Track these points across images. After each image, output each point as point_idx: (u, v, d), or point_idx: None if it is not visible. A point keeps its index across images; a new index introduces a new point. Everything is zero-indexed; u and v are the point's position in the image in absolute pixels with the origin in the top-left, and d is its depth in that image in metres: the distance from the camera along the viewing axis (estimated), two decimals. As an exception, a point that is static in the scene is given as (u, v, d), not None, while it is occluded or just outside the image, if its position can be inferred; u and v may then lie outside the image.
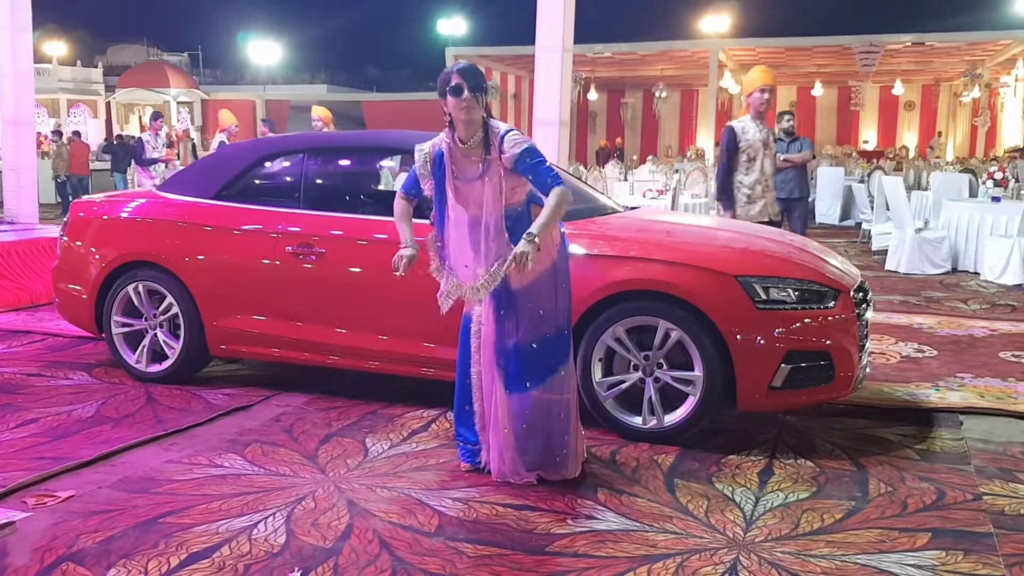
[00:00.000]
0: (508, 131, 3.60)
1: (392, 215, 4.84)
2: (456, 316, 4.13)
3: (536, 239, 3.41)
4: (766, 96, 6.32)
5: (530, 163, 3.52)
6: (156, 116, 12.50)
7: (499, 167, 3.55)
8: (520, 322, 3.61)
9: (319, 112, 10.59)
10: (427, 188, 3.73)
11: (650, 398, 4.19)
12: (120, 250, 5.28)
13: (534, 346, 3.61)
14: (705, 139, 25.53)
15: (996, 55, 24.23)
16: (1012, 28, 24.91)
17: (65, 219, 5.76)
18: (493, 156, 3.56)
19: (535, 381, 3.63)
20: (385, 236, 4.70)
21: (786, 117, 9.28)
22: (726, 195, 6.31)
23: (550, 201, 3.47)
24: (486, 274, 3.57)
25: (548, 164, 3.58)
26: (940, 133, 28.78)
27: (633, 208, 5.88)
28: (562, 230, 3.78)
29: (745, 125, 6.33)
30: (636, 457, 4.05)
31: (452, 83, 3.52)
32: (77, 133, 20.81)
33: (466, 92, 3.50)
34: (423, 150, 3.71)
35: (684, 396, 4.16)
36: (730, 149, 6.30)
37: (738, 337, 4.03)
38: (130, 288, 5.20)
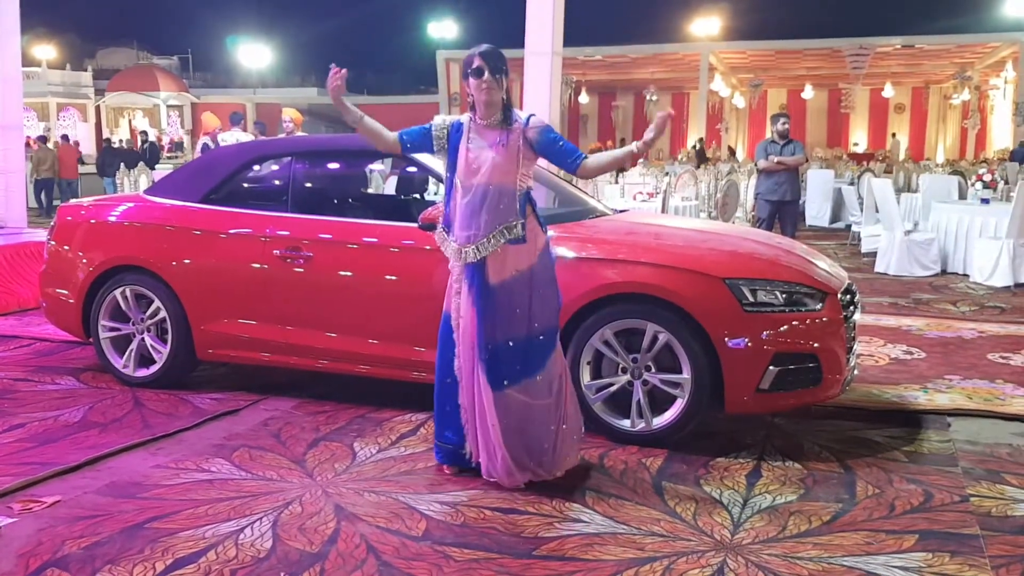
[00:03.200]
0: (531, 115, 3.75)
1: (381, 219, 4.87)
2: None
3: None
4: None
5: (555, 136, 3.70)
6: (237, 118, 11.92)
7: (519, 139, 3.64)
8: (497, 318, 3.62)
9: (290, 113, 10.63)
10: (440, 158, 3.83)
11: (638, 401, 4.19)
12: (107, 254, 5.25)
13: (510, 344, 3.63)
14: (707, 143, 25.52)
15: (985, 57, 24.38)
16: (1001, 31, 25.01)
17: (52, 223, 5.74)
18: (516, 128, 3.65)
19: (511, 380, 3.63)
20: (374, 240, 4.71)
21: (781, 120, 9.26)
22: None
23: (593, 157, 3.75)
24: (484, 239, 3.61)
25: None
26: (894, 135, 28.88)
27: (622, 211, 5.89)
28: (548, 235, 3.80)
29: None
30: (624, 460, 4.05)
31: (474, 65, 3.61)
32: (65, 137, 20.73)
33: (487, 74, 3.59)
34: (443, 119, 3.80)
35: (672, 399, 4.16)
36: None
37: (726, 339, 4.03)
38: (117, 292, 5.18)
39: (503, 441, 3.63)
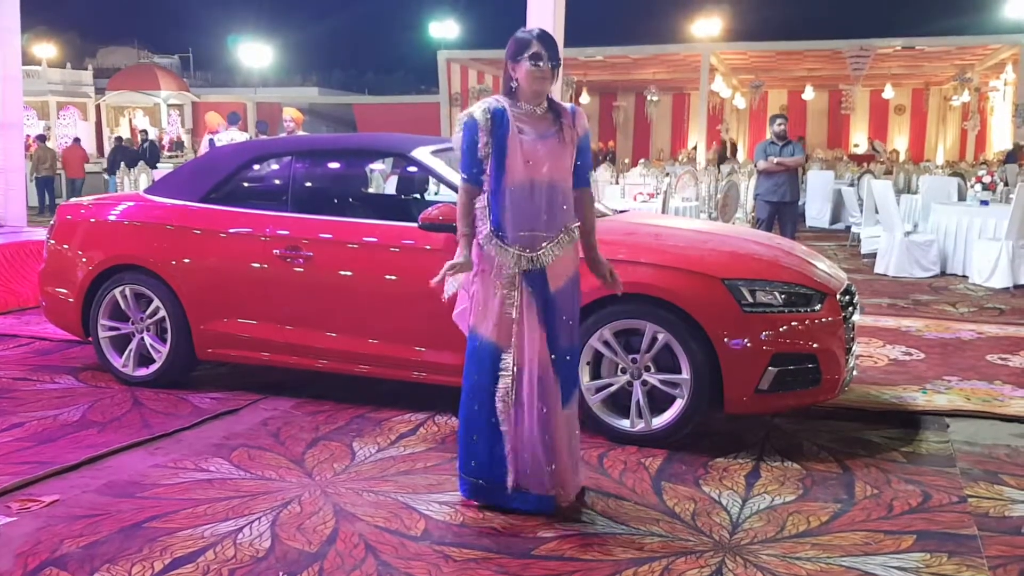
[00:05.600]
0: (573, 106, 3.48)
1: (381, 218, 4.87)
2: (446, 319, 4.11)
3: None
4: None
5: (587, 146, 3.44)
6: (234, 119, 12.03)
7: (572, 131, 3.36)
8: (559, 329, 3.36)
9: (291, 113, 10.63)
10: (483, 147, 3.30)
11: (638, 401, 4.19)
12: (107, 253, 5.26)
13: (567, 357, 3.40)
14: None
15: (985, 59, 24.35)
16: (1001, 32, 25.00)
17: (52, 222, 5.74)
18: (565, 120, 3.36)
19: (569, 395, 3.42)
20: (375, 239, 4.71)
21: (778, 121, 9.30)
22: None
23: (590, 205, 3.52)
24: (551, 243, 3.30)
25: None
26: (871, 141, 28.95)
27: (622, 211, 5.89)
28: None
29: None
30: (624, 460, 4.05)
31: (532, 50, 3.28)
32: (77, 140, 21.02)
33: (544, 61, 3.28)
34: (482, 108, 3.33)
35: (672, 399, 4.16)
36: None
37: (725, 340, 4.04)
38: (117, 291, 5.18)
39: (569, 457, 3.42)
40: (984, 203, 9.99)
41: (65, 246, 5.47)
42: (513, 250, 3.28)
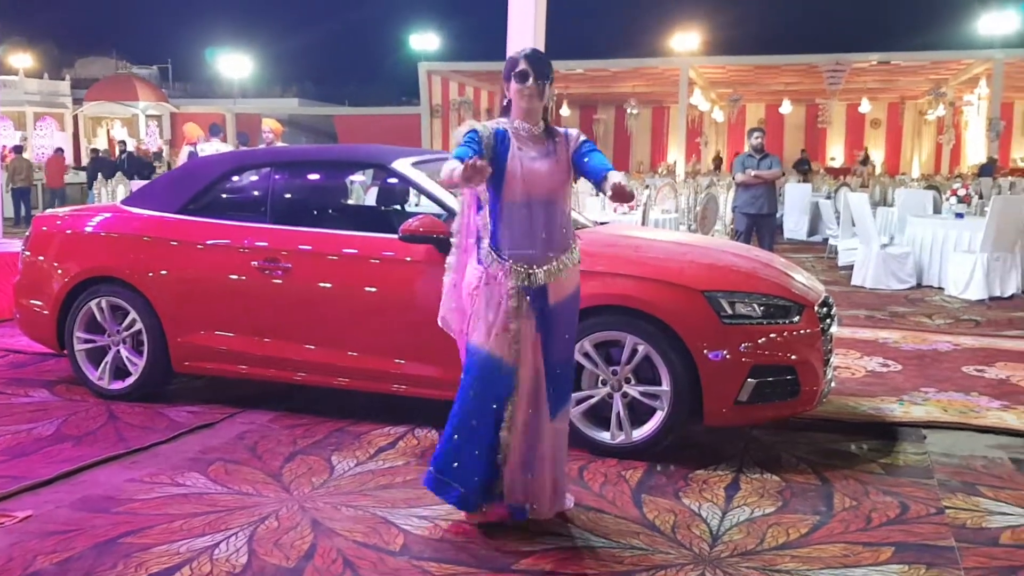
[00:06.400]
0: (567, 128, 3.52)
1: (361, 230, 4.85)
2: (427, 331, 4.10)
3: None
4: None
5: (592, 148, 3.41)
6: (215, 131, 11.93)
7: (567, 151, 3.40)
8: (556, 343, 3.37)
9: (269, 124, 10.56)
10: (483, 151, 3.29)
11: (618, 413, 4.19)
12: (83, 265, 5.20)
13: (557, 371, 3.40)
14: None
15: (960, 74, 24.71)
16: (975, 48, 25.39)
17: (27, 233, 5.68)
18: (560, 141, 3.41)
19: (556, 408, 3.42)
20: (355, 251, 4.69)
21: (755, 134, 9.38)
22: None
23: (616, 172, 3.31)
24: (553, 262, 3.32)
25: None
26: (866, 149, 29.31)
27: (603, 223, 5.90)
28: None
29: None
30: (604, 472, 4.04)
31: (518, 68, 3.34)
32: (60, 150, 20.95)
33: (531, 79, 3.32)
34: (484, 125, 3.38)
35: (652, 411, 4.17)
36: None
37: (705, 352, 4.05)
38: (93, 304, 5.13)
39: (550, 471, 3.42)
40: (959, 216, 10.10)
41: (41, 258, 5.42)
42: (512, 266, 3.29)
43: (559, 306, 3.36)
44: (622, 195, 3.15)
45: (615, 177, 3.22)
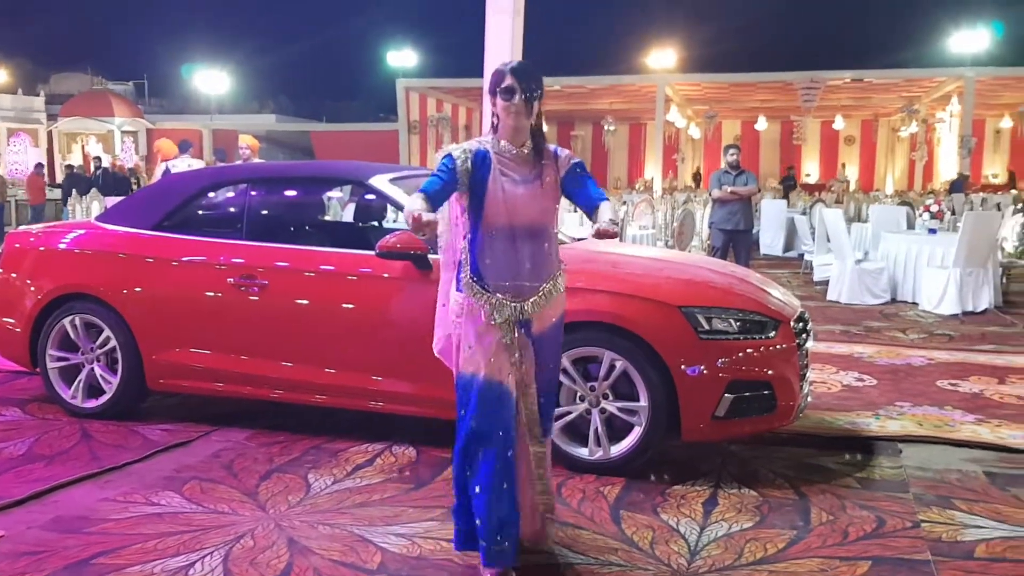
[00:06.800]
0: (557, 147, 3.29)
1: (338, 247, 4.84)
2: (405, 347, 4.09)
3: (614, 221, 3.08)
4: None
5: (583, 174, 3.22)
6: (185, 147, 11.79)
7: (555, 174, 3.18)
8: (539, 372, 3.20)
9: (246, 140, 10.54)
10: (459, 197, 3.14)
11: (596, 429, 4.19)
12: (56, 282, 5.15)
13: (541, 400, 3.22)
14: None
15: (932, 91, 25.08)
16: (947, 66, 25.81)
17: (0, 250, 5.61)
18: (547, 162, 3.19)
19: (546, 433, 3.30)
20: (331, 267, 4.67)
21: (731, 151, 9.47)
22: None
23: (607, 206, 3.17)
24: (537, 294, 3.13)
25: None
26: (844, 164, 29.69)
27: (580, 239, 5.92)
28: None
29: None
30: (582, 489, 4.04)
31: (504, 84, 3.09)
32: (40, 165, 20.80)
33: (518, 96, 3.07)
34: (462, 148, 3.15)
35: (630, 427, 4.17)
36: None
37: (682, 367, 4.06)
38: (66, 321, 5.07)
39: (525, 498, 3.25)
40: (932, 231, 10.22)
41: (13, 275, 5.35)
42: (496, 300, 3.08)
43: (543, 335, 3.20)
44: (606, 236, 3.04)
45: (604, 215, 3.08)
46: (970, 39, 27.11)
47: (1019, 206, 13.31)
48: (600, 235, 3.04)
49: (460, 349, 3.15)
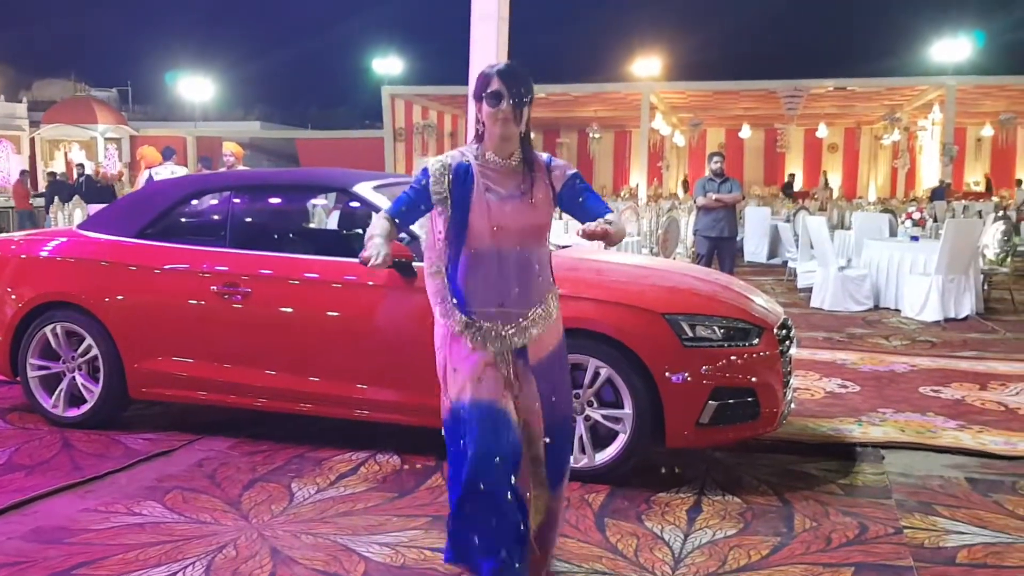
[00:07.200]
0: (551, 157, 3.04)
1: (322, 254, 4.82)
2: (390, 355, 4.07)
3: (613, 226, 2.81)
4: None
5: (583, 186, 2.97)
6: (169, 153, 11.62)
7: (548, 188, 2.91)
8: (544, 407, 2.92)
9: (230, 147, 10.48)
10: (440, 214, 2.87)
11: (580, 436, 4.19)
12: (37, 290, 5.11)
13: (546, 440, 2.93)
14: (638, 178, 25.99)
15: (914, 99, 25.28)
16: (929, 74, 26.04)
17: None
18: (539, 173, 2.91)
19: (556, 481, 3.02)
20: (316, 275, 4.66)
21: (716, 159, 9.51)
22: None
23: (614, 217, 2.92)
24: (526, 322, 2.85)
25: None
26: (825, 172, 29.90)
27: (565, 247, 5.93)
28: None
29: None
30: (567, 497, 4.02)
31: (491, 88, 2.81)
32: (25, 172, 20.86)
33: (505, 102, 2.80)
34: (441, 162, 2.88)
35: (614, 434, 4.18)
36: None
37: (666, 374, 4.07)
38: (47, 329, 5.04)
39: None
40: (914, 239, 10.29)
41: (-7, 283, 5.31)
42: (483, 329, 2.81)
43: (541, 365, 2.90)
44: (595, 238, 2.80)
45: (609, 219, 2.84)
46: (952, 48, 27.39)
47: (1000, 213, 13.42)
48: (588, 235, 2.79)
49: (447, 377, 2.87)
